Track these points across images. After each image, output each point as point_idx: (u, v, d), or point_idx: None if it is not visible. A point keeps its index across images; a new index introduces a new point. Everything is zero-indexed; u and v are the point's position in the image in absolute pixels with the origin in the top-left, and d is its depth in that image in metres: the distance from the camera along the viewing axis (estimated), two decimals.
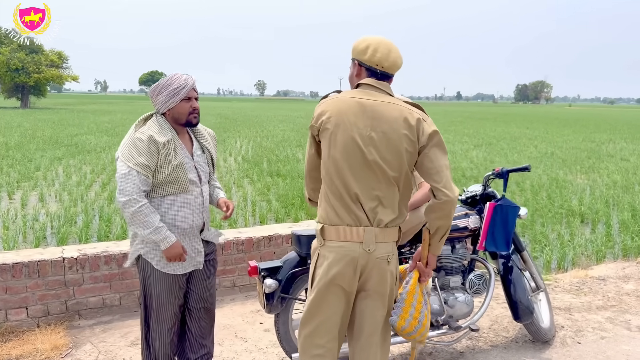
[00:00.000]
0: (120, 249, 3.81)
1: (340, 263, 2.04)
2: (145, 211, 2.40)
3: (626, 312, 3.95)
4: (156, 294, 2.59)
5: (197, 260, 2.65)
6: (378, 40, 2.11)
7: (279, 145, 17.57)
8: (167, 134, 2.46)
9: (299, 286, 2.98)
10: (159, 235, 2.42)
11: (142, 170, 2.39)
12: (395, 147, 2.01)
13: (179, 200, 2.52)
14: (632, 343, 3.44)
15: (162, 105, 2.50)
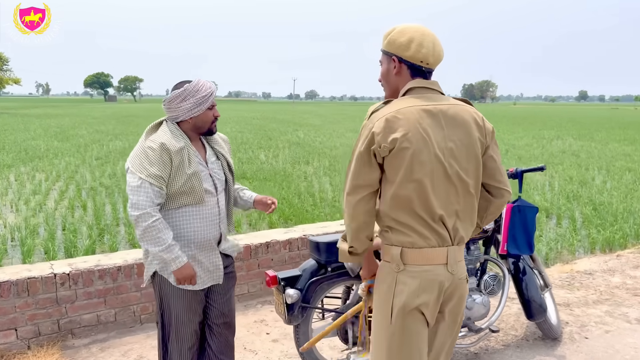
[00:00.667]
0: (113, 262, 3.60)
1: (426, 290, 1.79)
2: (159, 226, 2.23)
3: (621, 305, 4.07)
4: (175, 312, 2.44)
5: (215, 274, 2.51)
6: (420, 32, 1.83)
7: (240, 148, 17.29)
8: (180, 141, 2.31)
9: (319, 295, 2.89)
10: (170, 254, 2.26)
11: (155, 181, 2.23)
12: (472, 154, 1.82)
13: (194, 211, 2.37)
14: (635, 336, 3.55)
15: (186, 112, 2.34)
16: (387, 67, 1.91)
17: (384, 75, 1.94)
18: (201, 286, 2.45)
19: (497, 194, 1.95)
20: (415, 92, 1.84)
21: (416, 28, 1.85)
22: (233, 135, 22.83)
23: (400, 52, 1.83)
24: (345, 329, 2.95)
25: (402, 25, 1.88)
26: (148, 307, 3.72)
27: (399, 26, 1.87)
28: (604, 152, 17.12)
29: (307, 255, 4.41)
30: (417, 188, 1.75)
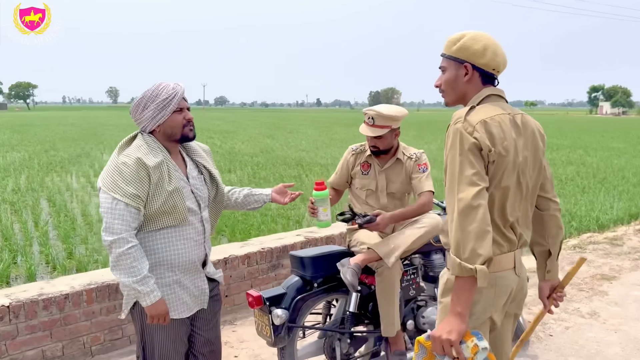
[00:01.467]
0: (59, 290, 3.21)
1: (500, 297, 1.77)
2: (135, 254, 1.99)
3: (572, 301, 4.31)
4: (159, 344, 2.19)
5: (201, 298, 2.29)
6: (492, 40, 1.82)
7: None
8: (158, 155, 2.07)
9: (304, 313, 2.75)
10: (145, 287, 2.01)
11: (132, 201, 1.98)
12: (538, 162, 1.83)
13: (177, 232, 2.14)
14: (593, 330, 3.76)
15: (149, 121, 2.10)
16: (456, 73, 1.83)
17: (451, 82, 1.85)
18: (187, 313, 2.23)
19: (544, 206, 1.94)
20: (491, 99, 1.81)
21: (487, 36, 1.82)
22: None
23: (475, 59, 1.79)
24: (332, 346, 2.83)
25: (471, 32, 1.83)
26: (99, 337, 3.35)
27: (468, 33, 1.83)
28: None
29: (266, 269, 4.23)
30: (501, 196, 1.72)
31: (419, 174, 2.90)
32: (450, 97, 1.89)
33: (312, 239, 4.54)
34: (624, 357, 3.41)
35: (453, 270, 1.62)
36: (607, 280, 4.94)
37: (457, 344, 1.60)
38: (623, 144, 23.98)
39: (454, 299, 1.63)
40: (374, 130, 2.86)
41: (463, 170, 1.65)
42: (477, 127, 1.68)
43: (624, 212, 8.21)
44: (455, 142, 1.69)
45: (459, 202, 1.63)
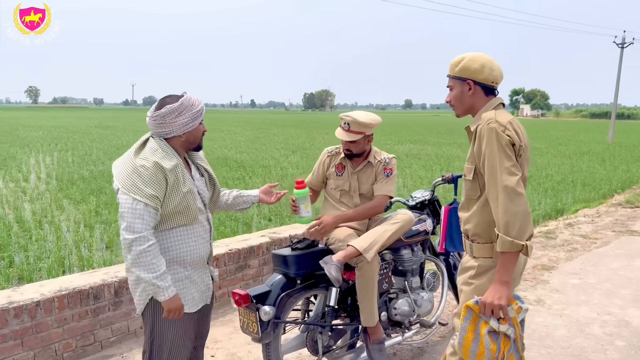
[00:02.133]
0: (29, 297, 3.13)
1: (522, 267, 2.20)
2: (154, 252, 2.09)
3: (518, 290, 4.65)
4: (170, 339, 2.28)
5: (206, 294, 2.42)
6: (487, 58, 2.16)
7: (86, 159, 15.85)
8: (173, 159, 2.18)
9: (288, 309, 2.86)
10: (164, 282, 2.12)
11: (151, 202, 2.08)
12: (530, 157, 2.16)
13: (188, 231, 2.26)
14: (542, 315, 4.11)
15: (181, 127, 2.21)
16: (461, 89, 2.18)
17: (458, 97, 2.20)
18: (195, 308, 2.33)
19: None
20: (500, 107, 2.14)
21: (483, 55, 2.17)
22: (73, 145, 20.84)
23: (475, 75, 2.13)
24: (314, 339, 2.95)
25: (469, 54, 2.18)
26: (71, 343, 3.29)
27: (467, 55, 2.17)
28: (439, 154, 19.18)
29: (233, 270, 4.28)
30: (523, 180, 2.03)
31: (382, 177, 3.12)
32: (460, 110, 2.22)
33: (276, 239, 4.63)
34: (570, 337, 3.78)
35: (503, 247, 1.91)
36: (547, 270, 5.38)
37: (505, 307, 1.93)
38: (544, 144, 25.70)
39: (500, 271, 1.94)
40: (349, 135, 3.03)
41: (502, 162, 1.95)
42: (507, 126, 2.00)
43: (551, 208, 8.89)
44: (491, 139, 1.98)
45: (504, 189, 1.93)
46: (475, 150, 2.08)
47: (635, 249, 6.32)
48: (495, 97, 2.18)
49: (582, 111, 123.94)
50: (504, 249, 1.93)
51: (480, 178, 2.09)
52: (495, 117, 2.03)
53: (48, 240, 6.79)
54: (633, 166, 15.74)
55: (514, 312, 1.97)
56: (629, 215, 8.55)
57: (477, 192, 2.13)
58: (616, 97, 30.59)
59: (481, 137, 2.03)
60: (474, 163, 2.11)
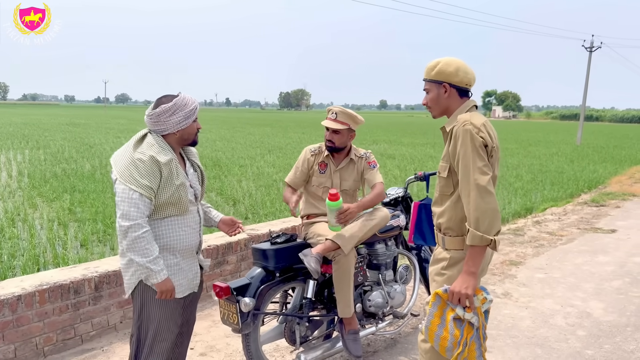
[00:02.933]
0: (11, 292, 3.16)
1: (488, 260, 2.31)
2: (148, 238, 2.24)
3: (487, 284, 4.87)
4: (156, 322, 2.40)
5: (194, 282, 2.54)
6: (461, 62, 2.29)
7: (59, 157, 15.60)
8: (168, 154, 2.33)
9: (267, 301, 2.96)
10: (157, 266, 2.27)
11: (146, 192, 2.23)
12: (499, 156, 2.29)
13: (179, 221, 2.40)
14: (508, 307, 4.31)
15: (175, 125, 2.36)
16: (437, 92, 2.31)
17: (434, 100, 2.32)
18: (182, 294, 2.45)
19: None
20: (474, 109, 2.28)
21: (457, 59, 2.30)
22: (45, 143, 20.45)
23: (450, 79, 2.26)
24: (292, 330, 3.07)
25: (444, 58, 2.31)
26: (52, 337, 3.33)
27: (442, 59, 2.30)
28: (413, 154, 19.48)
29: (212, 266, 4.36)
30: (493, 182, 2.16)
31: (369, 169, 3.27)
32: (436, 111, 2.35)
33: (254, 235, 4.72)
34: (535, 328, 3.98)
35: (473, 240, 2.06)
36: (515, 265, 5.60)
37: (471, 296, 2.08)
38: (515, 144, 26.29)
39: (469, 262, 2.08)
40: (335, 123, 3.16)
41: (475, 162, 2.09)
42: (481, 128, 2.14)
43: (520, 207, 9.16)
44: (466, 140, 2.12)
45: (476, 187, 2.06)
46: (451, 149, 2.21)
47: (599, 245, 6.61)
48: (469, 99, 2.32)
49: (552, 113, 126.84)
50: (473, 243, 2.07)
51: (454, 176, 2.23)
52: (470, 120, 2.16)
53: (22, 239, 6.73)
54: (600, 167, 16.27)
55: (479, 302, 2.12)
56: (594, 213, 8.90)
57: (451, 189, 2.27)
58: (584, 99, 31.47)
59: (456, 137, 2.16)
60: (449, 162, 2.25)
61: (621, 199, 10.36)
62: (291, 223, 5.23)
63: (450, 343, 2.10)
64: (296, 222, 5.24)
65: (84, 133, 27.44)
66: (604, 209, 9.29)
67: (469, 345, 2.09)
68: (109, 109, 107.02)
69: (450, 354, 2.12)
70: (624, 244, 6.71)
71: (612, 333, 3.90)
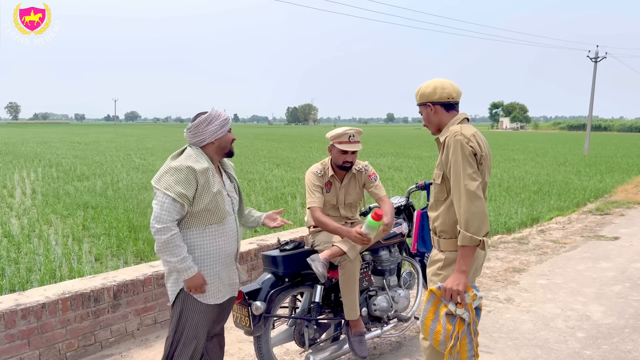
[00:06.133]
0: (36, 300, 3.36)
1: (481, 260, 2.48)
2: (176, 240, 2.45)
3: (490, 290, 5.00)
4: (193, 326, 2.60)
5: (233, 287, 2.75)
6: (440, 80, 2.51)
7: (71, 175, 15.91)
8: (204, 163, 2.55)
9: (277, 305, 3.14)
10: (184, 264, 2.47)
11: (179, 198, 2.44)
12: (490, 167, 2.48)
13: (218, 229, 2.61)
14: (510, 312, 4.44)
15: (211, 134, 2.59)
16: (426, 112, 2.54)
17: (427, 119, 2.56)
18: (221, 299, 2.66)
19: None
20: (465, 121, 2.46)
21: (434, 79, 2.53)
22: (57, 161, 20.83)
23: (431, 98, 2.50)
24: (301, 333, 3.23)
25: (423, 83, 2.55)
26: (74, 343, 3.53)
27: (423, 84, 2.55)
28: (421, 166, 19.62)
29: None
30: (482, 188, 2.35)
31: (372, 183, 3.45)
32: (432, 129, 2.58)
33: (264, 245, 4.91)
34: (535, 331, 4.11)
35: (463, 241, 2.24)
36: (518, 272, 5.74)
37: (462, 293, 2.26)
38: (522, 155, 26.38)
39: (460, 261, 2.26)
40: (357, 145, 3.35)
41: (465, 169, 2.28)
42: (471, 139, 2.34)
43: (526, 217, 9.29)
44: (457, 149, 2.31)
45: (466, 192, 2.25)
46: (443, 158, 2.40)
47: (601, 252, 6.73)
48: (458, 112, 2.51)
49: (560, 123, 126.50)
50: (463, 243, 2.26)
51: (447, 182, 2.41)
52: (461, 131, 2.35)
53: (38, 254, 6.95)
54: (607, 176, 16.32)
55: (469, 299, 2.30)
56: (597, 221, 9.00)
57: (444, 195, 2.45)
58: (591, 109, 31.51)
59: (448, 147, 2.35)
60: (442, 169, 2.44)
61: (626, 207, 10.45)
62: (299, 233, 5.41)
63: (442, 337, 2.27)
64: (303, 233, 5.42)
65: (95, 151, 27.87)
66: (608, 217, 9.39)
67: (460, 339, 2.26)
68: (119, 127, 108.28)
69: (443, 347, 2.29)
70: (626, 250, 6.82)
71: (610, 334, 4.03)
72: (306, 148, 32.10)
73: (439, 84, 2.49)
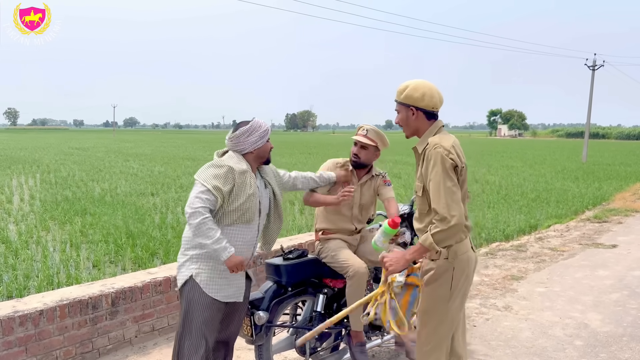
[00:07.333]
0: (33, 307, 3.36)
1: (471, 267, 2.48)
2: (209, 223, 2.52)
3: (489, 298, 5.00)
4: (198, 323, 2.64)
5: (239, 292, 2.78)
6: (428, 86, 2.47)
7: (69, 181, 15.89)
8: (244, 165, 2.67)
9: (279, 314, 3.13)
10: (220, 245, 2.54)
11: (215, 191, 2.54)
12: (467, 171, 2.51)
13: (242, 230, 2.69)
14: (508, 319, 4.45)
15: (252, 144, 2.72)
16: (406, 114, 2.50)
17: (404, 121, 2.52)
18: (225, 298, 2.70)
19: None
20: (442, 130, 2.48)
21: (424, 83, 2.49)
22: (55, 167, 20.81)
23: (417, 103, 2.46)
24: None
25: (413, 82, 2.50)
26: (71, 350, 3.51)
27: (411, 83, 2.50)
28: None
29: None
30: (462, 197, 2.40)
31: (385, 187, 3.52)
32: (407, 132, 2.57)
33: (263, 253, 4.89)
34: (533, 339, 4.11)
35: (425, 242, 2.31)
36: (516, 280, 5.74)
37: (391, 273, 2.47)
38: (520, 162, 26.42)
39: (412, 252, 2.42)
40: (365, 139, 3.38)
41: (445, 183, 2.29)
42: (451, 150, 2.35)
43: (524, 224, 9.30)
44: (437, 162, 2.31)
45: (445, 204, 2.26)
46: (423, 171, 2.40)
47: (599, 259, 6.73)
48: (437, 120, 2.50)
49: (558, 131, 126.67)
50: (424, 244, 2.33)
51: (428, 195, 2.40)
52: (440, 142, 2.35)
53: (35, 260, 6.93)
54: (605, 184, 16.34)
55: (390, 279, 2.49)
56: (596, 229, 9.01)
57: (427, 207, 2.45)
58: (589, 117, 31.62)
59: (428, 159, 2.36)
60: (423, 182, 2.43)
61: (624, 215, 10.46)
62: (297, 240, 5.41)
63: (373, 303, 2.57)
64: (302, 240, 5.42)
65: (93, 157, 27.86)
66: (606, 225, 9.40)
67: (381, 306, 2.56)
68: (118, 133, 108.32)
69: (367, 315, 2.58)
70: (624, 258, 6.83)
71: (608, 343, 4.03)
72: (305, 155, 32.12)
73: (429, 90, 2.46)
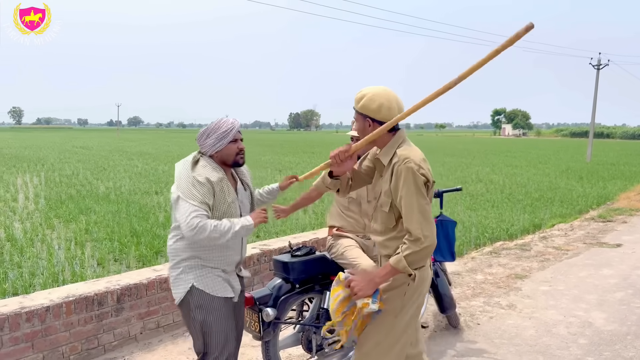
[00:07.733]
0: (40, 303, 3.38)
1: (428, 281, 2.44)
2: (213, 223, 2.44)
3: (492, 296, 5.00)
4: (216, 323, 2.58)
5: (237, 286, 2.74)
6: (386, 96, 2.30)
7: (73, 180, 15.96)
8: (219, 173, 2.56)
9: (287, 310, 3.14)
10: (238, 226, 2.49)
11: (202, 206, 2.45)
12: None
13: None
14: (512, 318, 4.45)
15: (210, 148, 2.59)
16: (363, 124, 2.38)
17: (361, 131, 2.40)
18: (233, 294, 2.65)
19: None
20: (406, 140, 2.36)
21: (383, 93, 2.32)
22: (60, 166, 20.89)
23: (373, 115, 2.32)
24: (308, 339, 3.24)
25: (371, 91, 2.34)
26: (77, 346, 3.54)
27: (368, 92, 2.34)
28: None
29: None
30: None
31: None
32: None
33: (267, 250, 4.92)
34: (537, 337, 4.11)
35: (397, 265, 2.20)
36: (520, 279, 5.74)
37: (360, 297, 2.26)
38: (524, 162, 26.36)
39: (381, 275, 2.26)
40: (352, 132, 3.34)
41: (419, 200, 2.20)
42: (422, 165, 2.24)
43: (528, 223, 9.29)
44: (408, 179, 2.21)
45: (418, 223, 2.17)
46: (392, 187, 2.27)
47: (603, 259, 6.72)
48: (399, 130, 2.35)
49: (562, 130, 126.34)
50: (397, 267, 2.20)
51: (396, 210, 2.31)
52: (410, 156, 2.22)
53: (41, 258, 6.97)
54: (609, 183, 16.29)
55: (360, 304, 2.30)
56: (600, 228, 8.99)
57: (393, 223, 2.35)
58: (593, 116, 31.51)
59: (398, 175, 2.22)
60: (391, 197, 2.30)
61: (628, 215, 10.43)
62: (302, 238, 5.42)
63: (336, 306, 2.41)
64: (307, 238, 5.43)
65: (98, 155, 27.95)
66: (610, 224, 9.37)
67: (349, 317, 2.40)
68: (122, 132, 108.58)
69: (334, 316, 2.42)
70: (629, 257, 6.82)
71: (612, 341, 4.03)
72: (308, 154, 32.13)
73: (387, 102, 2.30)
